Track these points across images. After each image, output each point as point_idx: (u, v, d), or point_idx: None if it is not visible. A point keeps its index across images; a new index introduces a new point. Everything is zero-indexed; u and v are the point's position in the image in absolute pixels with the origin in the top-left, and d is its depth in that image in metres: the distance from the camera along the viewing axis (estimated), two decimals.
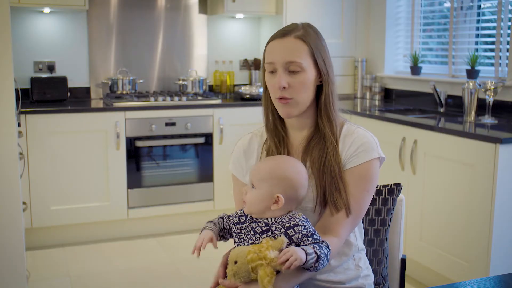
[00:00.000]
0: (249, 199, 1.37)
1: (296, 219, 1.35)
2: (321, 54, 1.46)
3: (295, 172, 1.38)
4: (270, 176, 1.36)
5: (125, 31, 4.18)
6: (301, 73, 1.43)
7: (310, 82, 1.44)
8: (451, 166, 2.80)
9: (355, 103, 4.13)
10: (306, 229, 1.33)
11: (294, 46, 1.43)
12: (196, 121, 3.85)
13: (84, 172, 3.62)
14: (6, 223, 2.57)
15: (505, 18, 3.30)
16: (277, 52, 1.44)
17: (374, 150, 1.46)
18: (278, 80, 1.43)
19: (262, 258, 1.23)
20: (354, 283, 1.51)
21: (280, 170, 1.37)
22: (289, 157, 1.45)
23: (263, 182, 1.36)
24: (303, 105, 1.46)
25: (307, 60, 1.43)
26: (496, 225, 2.57)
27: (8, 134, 2.51)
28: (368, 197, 1.47)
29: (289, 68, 1.42)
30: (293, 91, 1.43)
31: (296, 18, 4.09)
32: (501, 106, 3.23)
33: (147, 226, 3.89)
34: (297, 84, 1.42)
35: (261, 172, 1.37)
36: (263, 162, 1.42)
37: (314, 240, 1.32)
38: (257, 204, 1.36)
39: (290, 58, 1.42)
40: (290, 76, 1.43)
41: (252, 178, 1.38)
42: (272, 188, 1.35)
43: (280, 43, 1.44)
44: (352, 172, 1.45)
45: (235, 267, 1.26)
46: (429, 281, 3.04)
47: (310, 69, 1.44)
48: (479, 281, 1.31)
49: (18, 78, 3.50)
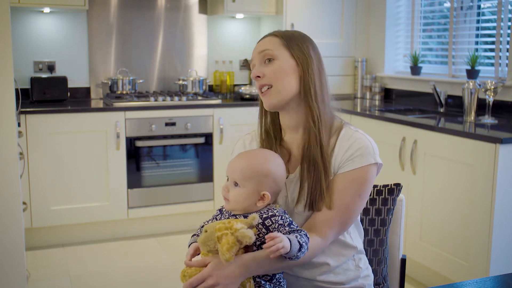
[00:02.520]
0: (233, 197, 1.37)
1: (273, 210, 1.36)
2: (298, 45, 1.48)
3: (277, 167, 1.40)
4: (255, 175, 1.37)
5: (125, 31, 4.18)
6: (274, 61, 1.47)
7: (287, 70, 1.46)
8: (451, 166, 2.80)
9: (355, 103, 4.13)
10: (283, 220, 1.34)
11: (268, 40, 1.50)
12: (196, 121, 3.85)
13: (84, 172, 3.62)
14: (6, 223, 2.57)
15: (505, 18, 3.30)
16: (254, 49, 1.52)
17: (371, 156, 1.45)
18: (254, 72, 1.49)
19: (228, 228, 1.25)
20: (354, 283, 1.51)
21: (263, 166, 1.38)
22: (266, 151, 1.46)
23: (248, 181, 1.36)
24: (284, 94, 1.46)
25: (280, 50, 1.47)
26: (496, 225, 2.57)
27: (8, 134, 2.51)
28: (360, 201, 1.46)
29: (263, 59, 1.48)
30: (269, 78, 1.47)
31: (296, 18, 4.10)
32: (501, 106, 3.23)
33: (147, 226, 3.89)
34: (270, 71, 1.46)
35: (245, 171, 1.37)
36: (244, 159, 1.41)
37: (291, 229, 1.33)
38: (241, 202, 1.37)
39: (262, 47, 1.49)
40: (265, 66, 1.48)
41: (235, 177, 1.38)
42: (257, 186, 1.36)
43: (258, 43, 1.53)
44: (346, 175, 1.44)
45: (204, 236, 1.30)
46: (429, 281, 3.04)
47: (284, 58, 1.47)
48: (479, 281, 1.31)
49: (18, 78, 3.51)
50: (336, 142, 1.48)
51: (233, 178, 1.39)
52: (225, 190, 1.40)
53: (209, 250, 1.30)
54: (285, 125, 1.54)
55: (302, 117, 1.50)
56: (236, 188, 1.37)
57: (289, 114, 1.50)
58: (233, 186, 1.38)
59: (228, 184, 1.40)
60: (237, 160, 1.42)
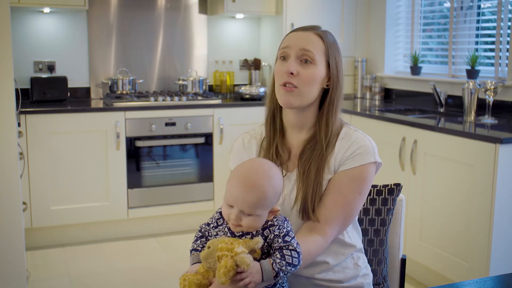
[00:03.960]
0: (247, 224, 1.31)
1: (273, 219, 1.34)
2: (335, 57, 1.48)
3: (276, 180, 1.35)
4: (268, 201, 1.32)
5: (125, 31, 4.18)
6: (312, 66, 1.45)
7: (318, 79, 1.45)
8: (451, 166, 2.80)
9: (355, 103, 4.13)
10: (279, 230, 1.31)
11: (312, 39, 1.47)
12: (196, 121, 3.85)
13: (84, 172, 3.62)
14: (6, 223, 2.57)
15: (505, 18, 3.30)
16: (294, 39, 1.47)
17: (370, 154, 1.46)
18: (288, 65, 1.44)
19: (229, 250, 1.25)
20: (353, 282, 1.51)
21: (273, 188, 1.33)
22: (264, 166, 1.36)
23: (262, 209, 1.32)
24: (306, 99, 1.46)
25: (321, 56, 1.46)
26: (496, 225, 2.57)
27: (8, 134, 2.51)
28: (360, 199, 1.47)
29: (301, 57, 1.45)
30: (300, 81, 1.44)
31: (296, 18, 4.10)
32: (501, 106, 3.23)
33: (147, 226, 3.89)
34: (306, 75, 1.44)
35: (256, 204, 1.30)
36: (249, 190, 1.30)
37: (284, 243, 1.29)
38: (257, 226, 1.33)
39: (306, 46, 1.45)
40: (301, 66, 1.45)
41: (247, 210, 1.30)
42: (268, 207, 1.33)
43: (300, 34, 1.48)
44: (346, 173, 1.45)
45: (206, 252, 1.29)
46: (429, 281, 3.04)
47: (321, 65, 1.46)
48: (479, 281, 1.31)
49: (18, 78, 3.51)
50: (337, 141, 1.48)
51: (243, 210, 1.31)
52: (237, 220, 1.31)
53: (209, 267, 1.29)
54: (289, 123, 1.53)
55: (310, 120, 1.50)
56: (249, 217, 1.31)
57: (298, 115, 1.50)
58: (244, 214, 1.31)
59: (238, 214, 1.31)
60: (244, 192, 1.30)
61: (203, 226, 1.43)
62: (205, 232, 1.42)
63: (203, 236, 1.42)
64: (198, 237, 1.43)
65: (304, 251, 1.36)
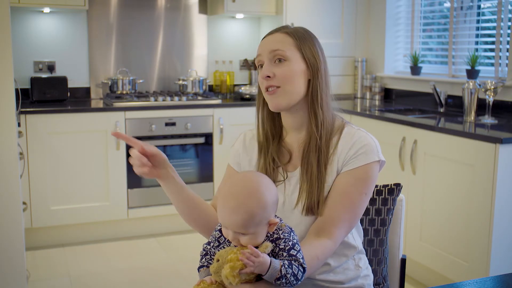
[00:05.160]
0: (247, 243, 1.26)
1: (279, 231, 1.29)
2: (310, 48, 1.47)
3: (270, 192, 1.29)
4: (258, 219, 1.25)
5: (125, 31, 4.18)
6: (286, 62, 1.45)
7: (297, 73, 1.45)
8: (451, 166, 2.80)
9: (355, 103, 4.13)
10: (285, 243, 1.27)
11: (280, 38, 1.47)
12: (196, 121, 3.85)
13: (84, 172, 3.62)
14: (6, 223, 2.57)
15: (505, 18, 3.30)
16: (264, 45, 1.48)
17: (374, 153, 1.45)
18: (263, 70, 1.46)
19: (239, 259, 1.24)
20: (354, 283, 1.51)
21: (261, 205, 1.25)
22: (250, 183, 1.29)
23: (251, 228, 1.25)
24: (292, 96, 1.45)
25: (293, 52, 1.45)
26: (496, 225, 2.57)
27: (8, 134, 2.51)
28: (365, 199, 1.46)
29: (274, 58, 1.45)
30: (279, 80, 1.44)
31: (296, 18, 4.09)
32: (501, 106, 3.23)
33: (147, 226, 3.89)
34: (281, 72, 1.44)
35: (247, 224, 1.24)
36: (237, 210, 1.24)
37: (289, 257, 1.26)
38: (257, 242, 1.28)
39: (274, 46, 1.45)
40: (275, 66, 1.45)
41: (240, 231, 1.25)
42: (265, 221, 1.27)
43: (268, 38, 1.49)
44: (350, 174, 1.44)
45: (216, 265, 1.27)
46: (429, 281, 3.04)
47: (295, 59, 1.45)
48: (479, 281, 1.31)
49: (18, 78, 3.51)
50: (339, 141, 1.48)
51: (238, 230, 1.26)
52: (236, 240, 1.27)
53: (221, 280, 1.26)
54: (288, 125, 1.53)
55: (306, 118, 1.50)
56: (246, 236, 1.26)
57: (293, 115, 1.50)
58: (241, 234, 1.26)
59: (234, 235, 1.27)
60: (232, 215, 1.25)
61: (204, 245, 1.39)
62: (208, 251, 1.38)
63: (207, 254, 1.38)
64: (203, 255, 1.39)
65: (312, 256, 1.34)
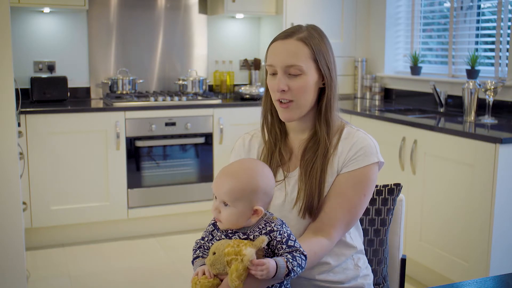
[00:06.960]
0: (225, 218, 1.30)
1: (271, 223, 1.31)
2: (324, 57, 1.45)
3: (265, 178, 1.32)
4: (244, 194, 1.28)
5: (125, 31, 4.18)
6: (301, 76, 1.42)
7: (311, 85, 1.44)
8: (451, 166, 2.80)
9: (355, 103, 4.13)
10: (281, 235, 1.29)
11: (295, 48, 1.42)
12: (196, 121, 3.86)
13: (84, 172, 3.62)
14: (6, 223, 2.57)
15: (505, 18, 3.30)
16: (277, 54, 1.43)
17: (373, 155, 1.45)
18: (277, 83, 1.43)
19: (237, 253, 1.24)
20: (353, 283, 1.51)
21: (251, 184, 1.29)
22: (250, 163, 1.35)
23: (238, 201, 1.28)
24: (305, 108, 1.45)
25: (308, 63, 1.42)
26: (496, 225, 2.57)
27: (8, 134, 2.51)
28: (364, 201, 1.47)
29: (289, 71, 1.42)
30: (293, 94, 1.43)
31: (296, 18, 4.09)
32: (501, 106, 3.23)
33: (147, 226, 3.89)
34: (297, 87, 1.42)
35: (233, 192, 1.28)
36: (229, 178, 1.30)
37: (289, 248, 1.28)
38: (235, 221, 1.30)
39: (290, 61, 1.41)
40: (290, 79, 1.42)
41: (224, 198, 1.29)
42: (249, 203, 1.29)
43: (282, 45, 1.44)
44: (350, 175, 1.45)
45: (213, 258, 1.28)
46: (429, 281, 3.04)
47: (311, 72, 1.43)
48: (479, 281, 1.31)
49: (18, 78, 3.51)
50: (339, 142, 1.48)
51: (221, 199, 1.30)
52: (216, 211, 1.31)
53: (218, 273, 1.28)
54: (292, 128, 1.53)
55: (311, 121, 1.50)
56: (227, 208, 1.29)
57: (300, 121, 1.50)
58: (224, 206, 1.29)
59: (218, 204, 1.31)
60: (222, 180, 1.30)
61: (198, 240, 1.40)
62: (202, 245, 1.39)
63: (201, 247, 1.39)
64: (197, 248, 1.40)
65: (310, 252, 1.35)
